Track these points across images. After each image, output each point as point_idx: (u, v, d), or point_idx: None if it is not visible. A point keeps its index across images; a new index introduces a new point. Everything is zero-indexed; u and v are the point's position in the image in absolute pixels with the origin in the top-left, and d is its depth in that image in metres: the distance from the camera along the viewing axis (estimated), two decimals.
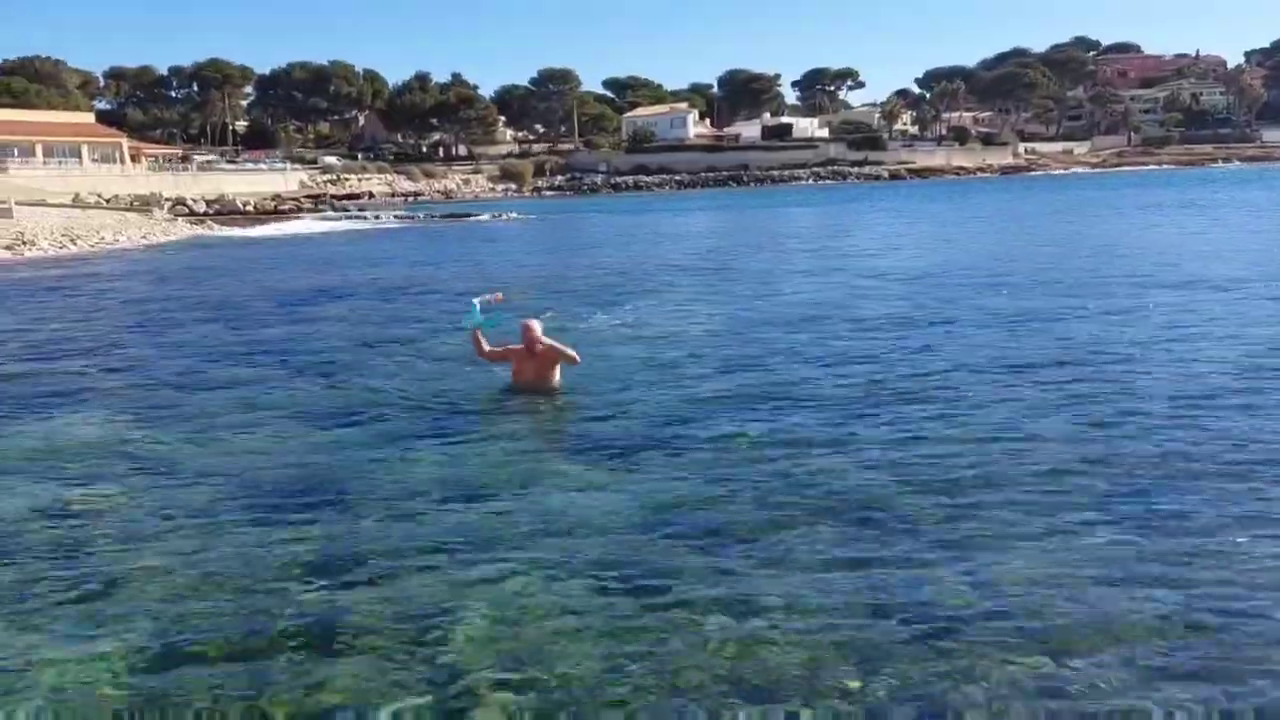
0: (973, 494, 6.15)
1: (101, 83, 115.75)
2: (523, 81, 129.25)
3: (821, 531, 5.60)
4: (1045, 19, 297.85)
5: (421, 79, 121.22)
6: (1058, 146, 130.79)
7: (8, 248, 32.65)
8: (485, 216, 51.07)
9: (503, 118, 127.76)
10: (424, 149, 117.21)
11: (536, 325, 9.35)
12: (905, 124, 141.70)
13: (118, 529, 5.99)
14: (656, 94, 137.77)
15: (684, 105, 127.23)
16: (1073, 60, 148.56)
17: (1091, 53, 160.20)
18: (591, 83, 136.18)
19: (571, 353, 9.29)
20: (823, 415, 8.23)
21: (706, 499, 6.22)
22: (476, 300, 9.51)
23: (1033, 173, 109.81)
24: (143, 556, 5.52)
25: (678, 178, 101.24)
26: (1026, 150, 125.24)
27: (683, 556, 5.29)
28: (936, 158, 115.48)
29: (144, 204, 55.20)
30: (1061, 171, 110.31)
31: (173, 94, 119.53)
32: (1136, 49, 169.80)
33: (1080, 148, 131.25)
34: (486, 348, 9.49)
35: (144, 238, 39.29)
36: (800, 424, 7.99)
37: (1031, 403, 8.43)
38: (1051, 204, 48.34)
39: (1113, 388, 8.91)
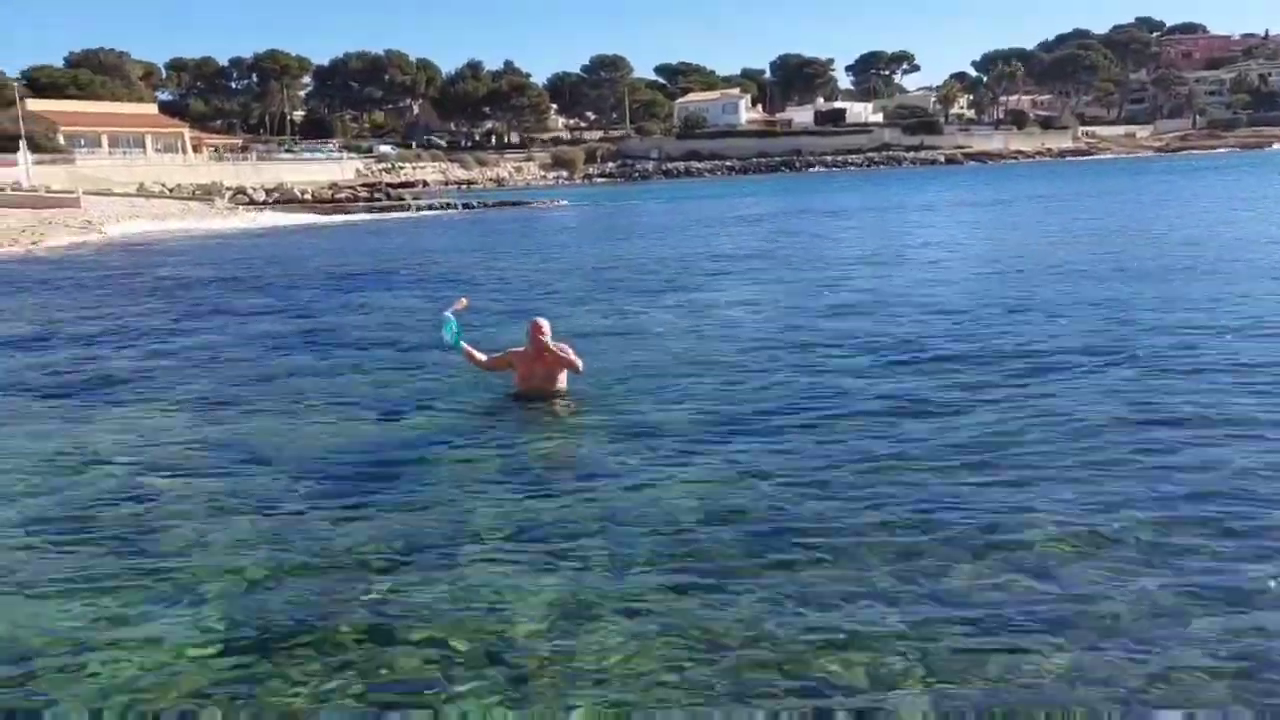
0: (1037, 492, 6.06)
1: (164, 74, 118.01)
2: (574, 69, 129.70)
3: (881, 526, 5.56)
4: None
5: (474, 67, 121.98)
6: (1119, 130, 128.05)
7: (76, 235, 33.56)
8: (539, 203, 51.20)
9: (554, 105, 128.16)
10: (477, 137, 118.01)
11: (546, 324, 8.60)
12: (962, 108, 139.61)
13: (188, 514, 6.13)
14: (708, 80, 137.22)
15: (736, 91, 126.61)
16: (1135, 41, 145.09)
17: (1155, 33, 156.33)
18: (643, 69, 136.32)
19: (576, 359, 8.60)
20: (880, 406, 8.16)
21: (764, 492, 6.20)
22: (448, 313, 8.81)
23: (1093, 156, 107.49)
24: (213, 542, 5.66)
25: (729, 164, 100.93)
26: (1086, 134, 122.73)
27: (740, 551, 5.29)
28: (994, 142, 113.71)
29: (206, 193, 56.34)
30: (1121, 156, 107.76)
31: (233, 85, 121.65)
32: (1202, 29, 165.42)
33: (1143, 131, 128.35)
34: (483, 358, 8.79)
35: (206, 225, 40.12)
36: (857, 415, 7.93)
37: (1100, 396, 8.29)
38: (1107, 189, 47.28)
39: (1193, 383, 8.71)
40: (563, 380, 8.65)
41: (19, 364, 11.56)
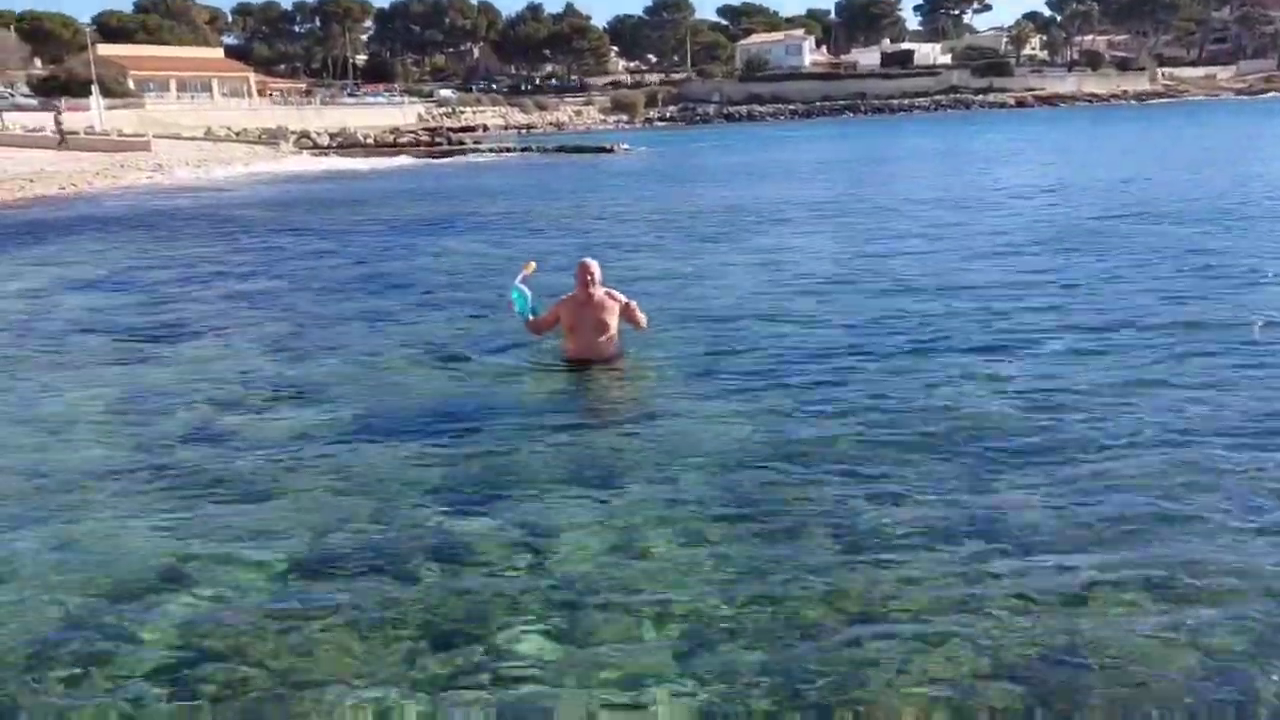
0: (1105, 434, 6.01)
1: (229, 18, 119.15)
2: (636, 10, 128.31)
3: (942, 467, 5.57)
4: None
5: (534, 10, 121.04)
6: (1199, 71, 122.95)
7: (148, 178, 34.29)
8: (610, 147, 50.88)
9: (615, 48, 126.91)
10: (537, 80, 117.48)
11: (596, 266, 7.88)
12: (1034, 48, 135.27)
13: (259, 449, 6.36)
14: (771, 21, 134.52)
15: (799, 32, 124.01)
16: None
17: None
18: (705, 10, 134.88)
19: (637, 311, 7.89)
20: (946, 349, 8.14)
21: (825, 432, 6.24)
22: (517, 281, 8.16)
23: (1172, 99, 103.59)
24: (283, 476, 5.87)
25: (792, 107, 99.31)
26: (1165, 75, 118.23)
27: (801, 489, 5.35)
28: (1067, 84, 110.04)
29: (270, 137, 56.98)
30: (1201, 98, 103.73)
31: (296, 29, 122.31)
32: None
33: (1224, 72, 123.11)
34: (532, 319, 8.14)
35: (272, 169, 40.67)
36: (921, 357, 7.92)
37: (1170, 344, 8.15)
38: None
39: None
40: (614, 331, 7.87)
41: (93, 304, 11.94)
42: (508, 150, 51.50)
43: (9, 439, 6.78)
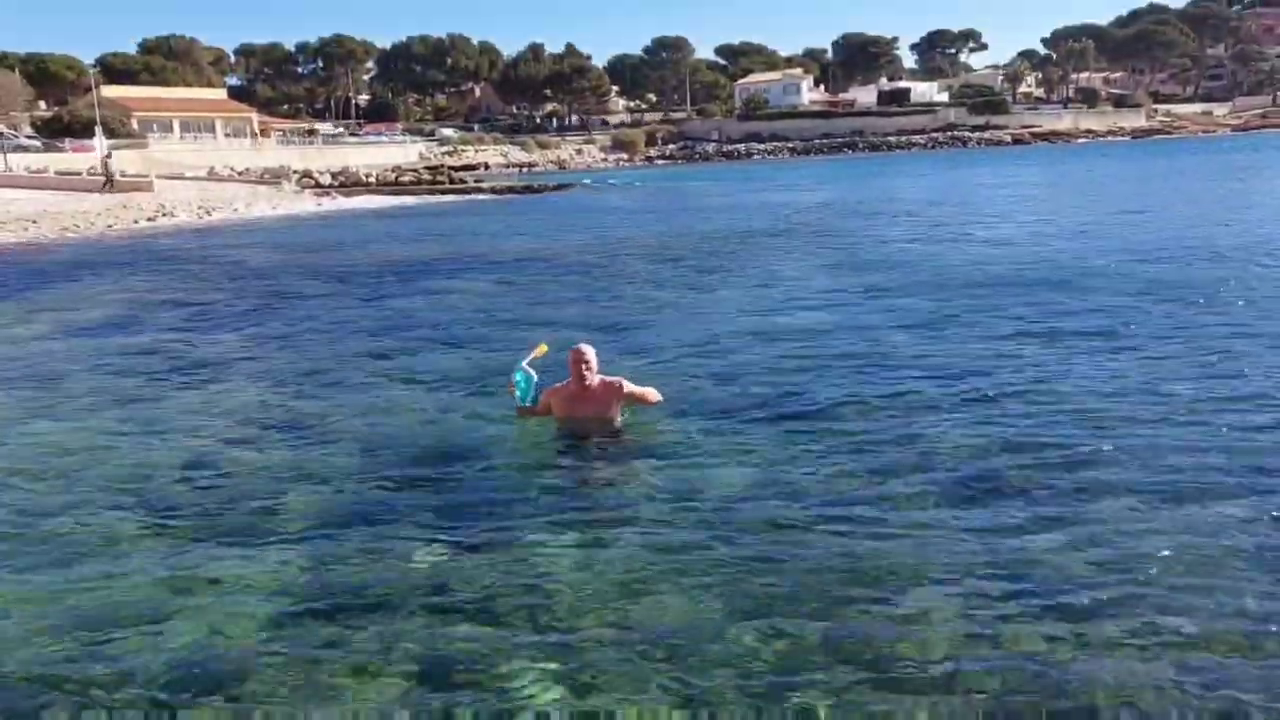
0: (1094, 466, 6.06)
1: (232, 60, 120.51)
2: (635, 50, 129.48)
3: (938, 499, 5.62)
4: None
5: (535, 50, 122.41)
6: (1195, 108, 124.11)
7: (150, 219, 34.51)
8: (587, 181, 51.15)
9: (615, 87, 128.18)
10: (538, 119, 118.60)
11: (591, 352, 7.08)
12: (1030, 86, 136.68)
13: (258, 486, 6.43)
14: (769, 60, 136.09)
15: (798, 71, 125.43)
16: (1214, 16, 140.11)
17: (1235, 7, 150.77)
18: (704, 50, 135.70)
19: (646, 390, 7.31)
20: (940, 382, 8.20)
21: (821, 466, 6.29)
22: (526, 363, 7.37)
23: (1168, 136, 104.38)
24: (281, 511, 5.93)
25: (790, 145, 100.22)
26: (1161, 112, 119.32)
27: (797, 525, 5.38)
28: (1063, 121, 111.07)
29: (274, 177, 57.41)
30: (1197, 135, 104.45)
31: (299, 69, 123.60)
32: None
33: (1220, 109, 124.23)
34: (527, 405, 7.31)
35: (274, 209, 40.94)
36: (916, 390, 7.99)
37: (1162, 376, 8.20)
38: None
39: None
40: (616, 417, 7.15)
41: (95, 348, 11.97)
42: (511, 190, 51.83)
43: (12, 476, 6.83)
